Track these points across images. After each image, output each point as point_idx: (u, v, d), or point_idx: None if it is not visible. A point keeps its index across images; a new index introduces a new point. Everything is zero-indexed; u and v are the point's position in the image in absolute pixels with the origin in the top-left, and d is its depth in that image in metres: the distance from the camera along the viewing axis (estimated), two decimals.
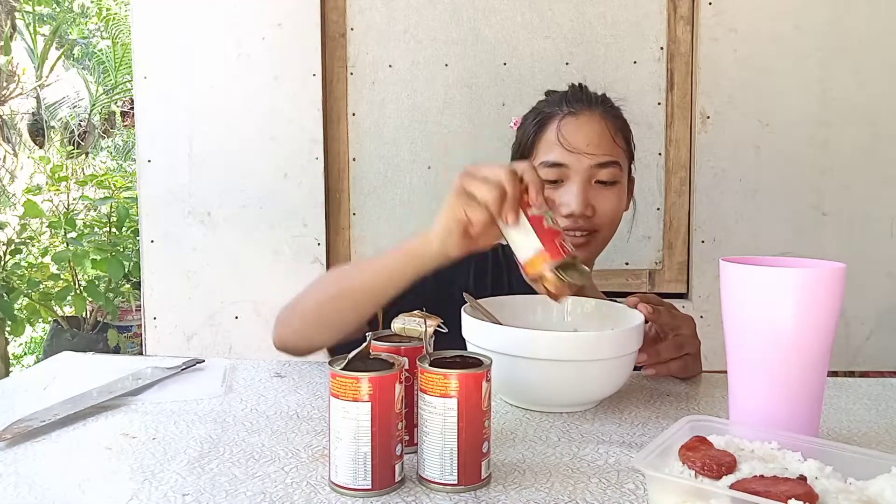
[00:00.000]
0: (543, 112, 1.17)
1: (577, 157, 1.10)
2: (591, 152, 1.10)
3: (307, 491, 0.65)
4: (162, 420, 0.82)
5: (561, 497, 0.64)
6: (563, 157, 1.11)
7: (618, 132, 1.15)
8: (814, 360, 0.72)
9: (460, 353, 0.70)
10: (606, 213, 1.12)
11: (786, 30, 1.74)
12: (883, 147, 1.75)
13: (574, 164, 1.10)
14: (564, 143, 1.11)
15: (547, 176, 1.12)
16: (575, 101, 1.16)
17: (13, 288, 3.12)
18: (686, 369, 1.00)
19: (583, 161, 1.10)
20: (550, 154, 1.12)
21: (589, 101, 1.16)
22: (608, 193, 1.12)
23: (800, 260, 0.77)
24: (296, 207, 1.80)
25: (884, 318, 1.77)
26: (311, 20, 1.78)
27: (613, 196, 1.13)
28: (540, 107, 1.20)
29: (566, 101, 1.16)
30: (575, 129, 1.12)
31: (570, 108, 1.14)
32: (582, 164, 1.10)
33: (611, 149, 1.12)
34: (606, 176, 1.11)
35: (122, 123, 7.47)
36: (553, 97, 1.20)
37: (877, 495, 0.54)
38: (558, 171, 1.11)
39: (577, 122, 1.13)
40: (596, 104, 1.16)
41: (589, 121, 1.13)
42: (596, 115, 1.14)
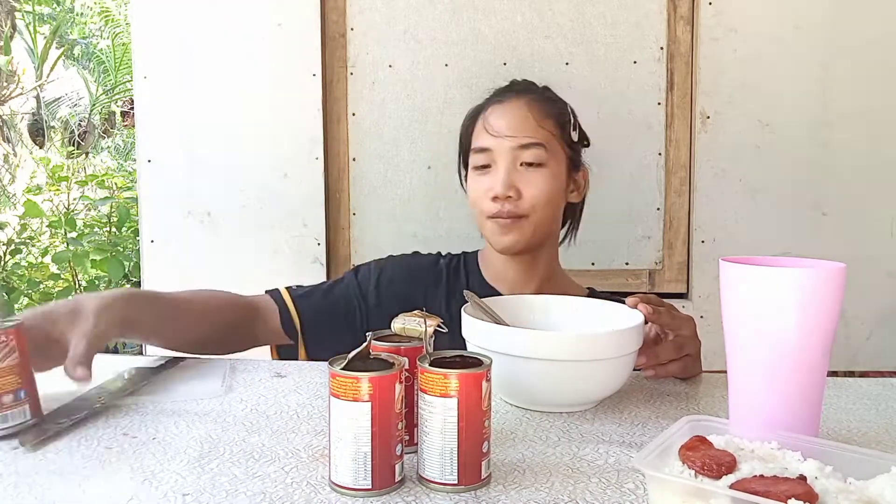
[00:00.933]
0: (481, 105, 1.24)
1: (499, 141, 1.15)
2: (512, 134, 1.15)
3: (307, 491, 0.65)
4: (162, 420, 0.82)
5: (561, 497, 0.64)
6: (487, 142, 1.16)
7: (545, 117, 1.18)
8: (814, 360, 0.72)
9: (460, 352, 0.70)
10: (533, 195, 1.15)
11: (786, 30, 1.74)
12: (883, 147, 1.75)
13: (497, 148, 1.16)
14: (489, 129, 1.17)
15: (477, 162, 1.18)
16: (505, 91, 1.24)
17: (13, 288, 3.12)
18: (686, 370, 1.00)
19: (504, 143, 1.15)
20: (479, 140, 1.18)
21: (517, 90, 1.23)
22: (533, 176, 1.15)
23: (800, 260, 0.77)
24: (296, 207, 1.80)
25: (884, 318, 1.77)
26: (311, 20, 1.77)
27: (539, 178, 1.15)
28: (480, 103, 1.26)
29: (496, 93, 1.24)
30: (499, 115, 1.18)
31: (497, 98, 1.21)
32: (503, 146, 1.15)
33: (533, 131, 1.16)
34: (530, 157, 1.15)
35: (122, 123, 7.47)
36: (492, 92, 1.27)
37: (877, 495, 0.54)
38: (486, 157, 1.17)
39: (501, 108, 1.19)
40: (523, 91, 1.23)
41: (513, 106, 1.19)
42: (522, 101, 1.19)
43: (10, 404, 0.75)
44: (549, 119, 1.19)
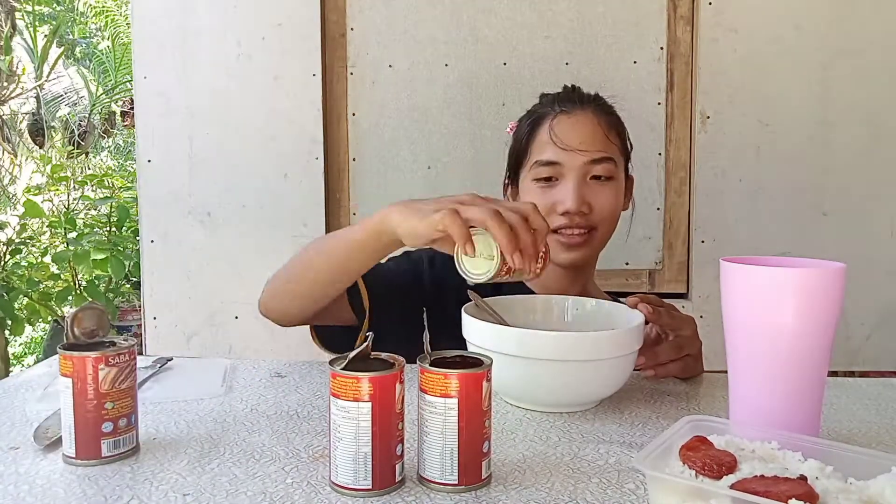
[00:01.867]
0: (536, 113, 1.18)
1: (571, 155, 1.11)
2: (584, 149, 1.11)
3: (307, 491, 0.65)
4: (162, 420, 0.82)
5: (561, 497, 0.64)
6: (557, 156, 1.12)
7: (611, 129, 1.15)
8: (814, 360, 0.72)
9: (461, 352, 0.70)
10: (603, 209, 1.12)
11: (786, 30, 1.74)
12: (883, 147, 1.75)
13: (567, 162, 1.11)
14: (557, 142, 1.12)
15: (541, 174, 1.13)
16: (567, 100, 1.17)
17: (13, 288, 3.12)
18: (686, 370, 1.00)
19: (576, 158, 1.11)
20: (544, 153, 1.13)
21: (581, 100, 1.17)
22: (604, 190, 1.12)
23: (800, 260, 0.77)
24: (296, 207, 1.80)
25: (884, 318, 1.77)
26: (311, 20, 1.78)
27: (609, 192, 1.13)
28: (534, 109, 1.21)
29: (558, 102, 1.17)
30: (567, 128, 1.13)
31: (562, 108, 1.15)
32: (575, 161, 1.11)
33: (604, 145, 1.13)
34: (601, 171, 1.12)
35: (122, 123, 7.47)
36: (546, 99, 1.22)
37: (877, 495, 0.54)
38: (552, 170, 1.12)
39: (569, 120, 1.14)
40: (587, 102, 1.17)
41: (581, 118, 1.14)
42: (588, 113, 1.15)
43: (125, 429, 0.71)
44: (614, 131, 1.16)
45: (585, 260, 1.16)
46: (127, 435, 0.71)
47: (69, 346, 0.71)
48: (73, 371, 0.69)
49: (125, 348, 0.71)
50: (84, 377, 0.68)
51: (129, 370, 0.71)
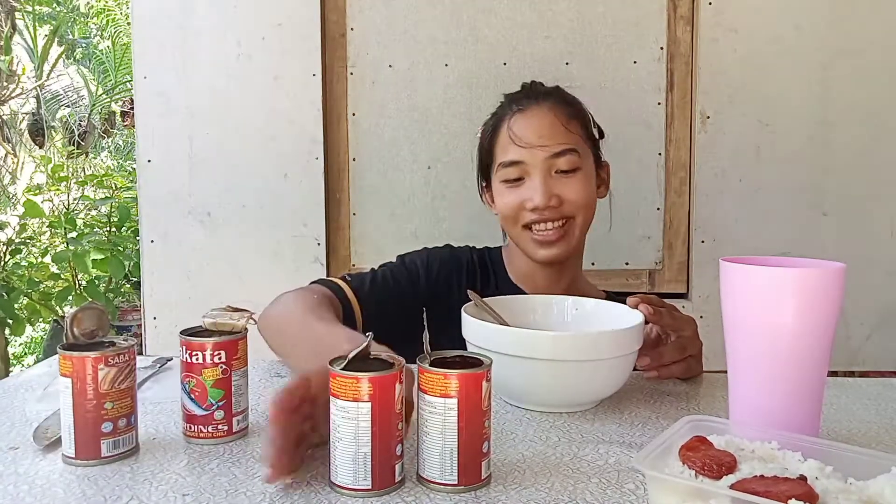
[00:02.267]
0: (496, 116, 1.19)
1: (531, 152, 1.11)
2: (544, 144, 1.11)
3: (307, 491, 0.65)
4: (162, 420, 0.82)
5: (561, 497, 0.64)
6: (518, 154, 1.12)
7: (570, 119, 1.15)
8: (814, 360, 0.72)
9: (460, 353, 0.70)
10: (574, 200, 1.12)
11: (786, 30, 1.74)
12: (883, 147, 1.75)
13: (529, 159, 1.12)
14: (516, 140, 1.12)
15: (508, 175, 1.13)
16: (523, 98, 1.18)
17: (13, 288, 3.12)
18: (688, 371, 1.00)
19: (537, 154, 1.11)
20: (507, 154, 1.14)
21: (536, 96, 1.18)
22: (571, 181, 1.12)
23: (800, 260, 0.77)
24: (296, 207, 1.80)
25: (884, 318, 1.77)
26: (311, 20, 1.77)
27: (577, 183, 1.13)
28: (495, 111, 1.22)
29: (514, 101, 1.18)
30: (524, 125, 1.13)
31: (518, 107, 1.16)
32: (537, 158, 1.11)
33: (564, 137, 1.12)
34: (565, 164, 1.12)
35: (122, 123, 7.47)
36: (505, 99, 1.22)
37: (877, 495, 0.54)
38: (517, 169, 1.12)
39: (525, 117, 1.14)
40: (543, 97, 1.17)
41: (537, 113, 1.14)
42: (544, 108, 1.15)
43: (124, 429, 0.71)
44: (574, 120, 1.16)
45: (566, 254, 1.15)
46: (126, 435, 0.71)
47: (69, 346, 0.71)
48: (73, 371, 0.69)
49: (125, 348, 0.71)
50: (84, 377, 0.68)
51: (129, 370, 0.71)
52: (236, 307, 0.80)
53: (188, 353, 0.75)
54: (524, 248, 1.17)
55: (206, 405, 0.75)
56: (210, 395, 0.75)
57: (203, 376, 0.74)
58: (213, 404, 0.75)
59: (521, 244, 1.17)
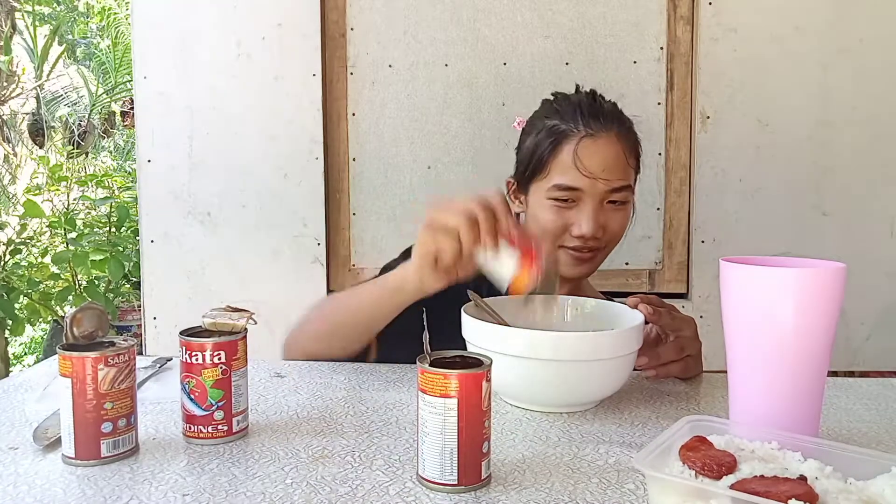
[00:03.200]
0: (559, 129, 1.13)
1: (593, 183, 1.09)
2: (607, 178, 1.09)
3: (307, 491, 0.65)
4: (162, 420, 0.82)
5: (561, 497, 0.64)
6: (579, 182, 1.09)
7: (631, 154, 1.14)
8: (814, 360, 0.72)
9: (460, 353, 0.70)
10: (615, 232, 1.14)
11: (786, 30, 1.74)
12: (883, 147, 1.75)
13: (589, 189, 1.09)
14: (581, 168, 1.09)
15: (561, 196, 1.11)
16: (591, 118, 1.12)
17: (13, 288, 3.12)
18: (687, 371, 1.00)
19: (598, 186, 1.09)
20: (566, 177, 1.10)
21: (605, 119, 1.13)
22: (618, 214, 1.13)
23: (800, 260, 0.77)
24: (296, 207, 1.80)
25: (884, 318, 1.77)
26: (311, 20, 1.77)
27: (623, 216, 1.14)
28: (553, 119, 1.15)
29: (582, 119, 1.12)
30: (592, 153, 1.10)
31: (587, 130, 1.11)
32: (597, 189, 1.09)
33: (625, 173, 1.11)
34: (618, 198, 1.11)
35: (122, 123, 7.47)
36: (565, 108, 1.15)
37: (877, 495, 0.54)
38: (573, 194, 1.10)
39: (594, 145, 1.10)
40: (611, 122, 1.13)
41: (606, 144, 1.11)
42: (612, 137, 1.11)
43: (124, 429, 0.71)
44: (633, 157, 1.15)
45: (590, 274, 1.18)
46: (126, 435, 0.71)
47: (68, 346, 0.70)
48: (73, 371, 0.68)
49: (124, 348, 0.71)
50: (83, 377, 0.68)
51: (129, 370, 0.71)
52: (236, 307, 0.80)
53: (188, 354, 0.75)
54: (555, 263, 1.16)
55: (206, 405, 0.75)
56: (210, 396, 0.75)
57: (203, 376, 0.74)
58: (213, 404, 0.75)
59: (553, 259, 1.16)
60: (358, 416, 0.85)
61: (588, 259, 1.13)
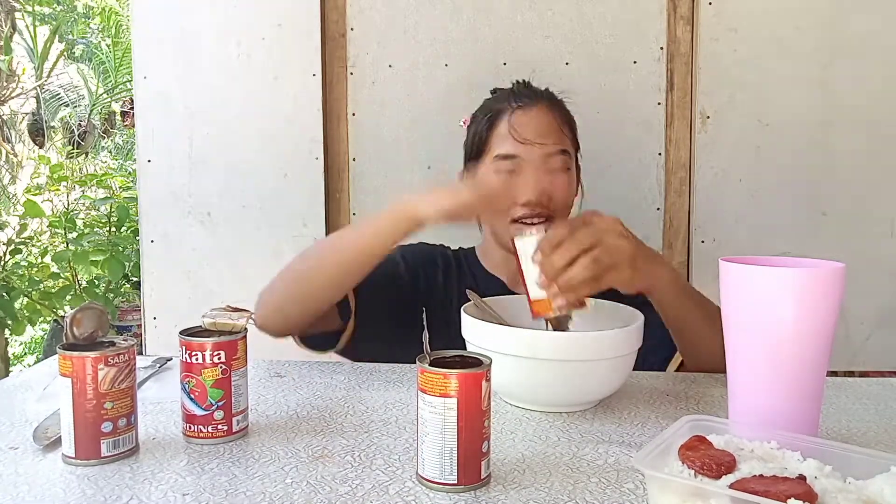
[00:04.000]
0: (493, 108, 1.23)
1: (529, 148, 1.16)
2: (542, 142, 1.17)
3: (307, 491, 0.65)
4: (162, 420, 0.82)
5: (561, 497, 0.64)
6: (516, 149, 1.17)
7: (564, 123, 1.22)
8: (814, 360, 0.72)
9: (460, 352, 0.70)
10: (560, 199, 1.18)
11: (786, 30, 1.74)
12: (883, 147, 1.75)
13: (527, 155, 1.16)
14: (516, 135, 1.17)
15: (501, 168, 1.18)
16: (522, 95, 1.23)
17: (13, 288, 3.12)
18: (632, 281, 0.88)
19: (534, 151, 1.16)
20: (504, 146, 1.18)
21: (535, 95, 1.23)
22: (559, 180, 1.18)
23: (800, 260, 0.77)
24: (296, 207, 1.80)
25: (884, 318, 1.77)
26: (311, 20, 1.77)
27: (565, 182, 1.19)
28: (489, 104, 1.26)
29: (514, 96, 1.22)
30: (525, 122, 1.18)
31: (518, 103, 1.20)
32: (534, 154, 1.16)
33: (559, 138, 1.19)
34: (558, 164, 1.18)
35: (122, 123, 7.47)
36: (499, 94, 1.27)
37: (876, 495, 0.54)
38: (512, 163, 1.17)
39: (526, 114, 1.19)
40: (540, 96, 1.23)
41: (537, 113, 1.20)
42: (543, 107, 1.21)
43: (124, 428, 0.71)
44: (567, 125, 1.23)
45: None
46: (126, 435, 0.71)
47: (68, 346, 0.71)
48: (73, 371, 0.69)
49: (124, 348, 0.71)
50: (83, 377, 0.68)
51: (129, 370, 0.71)
52: (236, 307, 0.80)
53: (188, 353, 0.75)
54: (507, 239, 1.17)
55: (206, 405, 0.75)
56: (210, 395, 0.75)
57: (203, 376, 0.74)
58: (213, 404, 0.75)
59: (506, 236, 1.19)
60: (358, 416, 0.85)
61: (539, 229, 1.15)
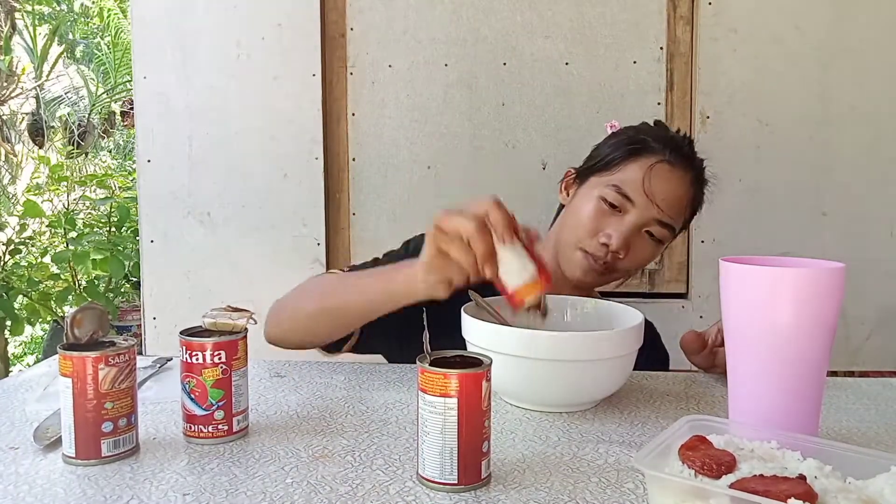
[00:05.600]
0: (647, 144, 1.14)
1: (647, 203, 1.10)
2: (663, 208, 1.11)
3: (307, 490, 0.65)
4: (162, 420, 0.82)
5: (561, 496, 0.64)
6: (637, 197, 1.10)
7: (692, 203, 1.17)
8: (814, 360, 0.72)
9: (460, 352, 0.70)
10: (636, 261, 1.13)
11: (786, 30, 1.74)
12: (883, 147, 1.75)
13: (640, 207, 1.10)
14: (645, 185, 1.10)
15: (610, 197, 1.11)
16: (679, 154, 1.15)
17: (13, 288, 3.12)
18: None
19: (649, 210, 1.10)
20: (628, 186, 1.11)
21: (688, 162, 1.16)
22: (647, 245, 1.13)
23: (800, 260, 0.77)
24: (296, 207, 1.80)
25: (884, 318, 1.77)
26: (311, 20, 1.78)
27: (650, 249, 1.14)
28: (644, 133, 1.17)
29: (670, 149, 1.14)
30: (663, 179, 1.11)
31: (669, 158, 1.13)
32: (646, 212, 1.10)
33: (678, 214, 1.14)
34: (657, 233, 1.12)
35: (122, 123, 7.47)
36: (659, 133, 1.18)
37: (876, 494, 0.54)
38: (622, 202, 1.11)
39: (669, 173, 1.12)
40: (693, 167, 1.17)
41: (679, 180, 1.13)
42: (688, 179, 1.15)
43: (124, 428, 0.71)
44: (692, 207, 1.18)
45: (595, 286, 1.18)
46: (127, 435, 0.71)
47: (69, 346, 0.71)
48: (73, 371, 0.69)
49: (125, 348, 0.71)
50: (84, 377, 0.68)
51: (129, 370, 0.71)
52: (236, 307, 0.80)
53: (188, 354, 0.75)
54: (565, 260, 1.15)
55: (207, 405, 0.75)
56: (210, 395, 0.75)
57: (203, 376, 0.74)
58: (214, 404, 0.75)
59: (564, 254, 1.15)
60: (358, 416, 0.85)
61: (599, 272, 1.12)
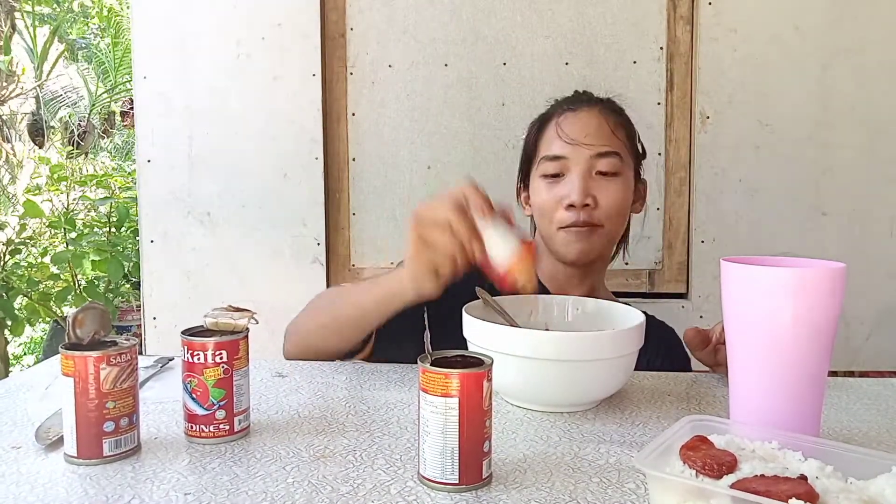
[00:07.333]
0: (544, 115, 1.20)
1: (575, 148, 1.12)
2: (589, 143, 1.12)
3: (308, 490, 0.65)
4: (163, 419, 0.82)
5: (562, 496, 0.64)
6: (562, 149, 1.13)
7: (618, 127, 1.16)
8: (814, 360, 0.72)
9: (461, 352, 0.70)
10: (609, 205, 1.12)
11: (786, 30, 1.74)
12: (883, 147, 1.75)
13: (572, 155, 1.12)
14: (562, 136, 1.13)
15: (548, 170, 1.14)
16: (575, 100, 1.19)
17: (13, 288, 3.12)
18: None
19: (581, 152, 1.11)
20: (550, 148, 1.14)
21: (588, 100, 1.19)
22: (609, 185, 1.12)
23: (800, 260, 0.77)
24: (296, 207, 1.80)
25: (884, 318, 1.77)
26: (311, 20, 1.78)
27: (615, 187, 1.12)
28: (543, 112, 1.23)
29: (567, 101, 1.19)
30: (572, 122, 1.14)
31: (569, 106, 1.17)
32: (580, 155, 1.11)
33: (609, 139, 1.13)
34: (606, 166, 1.12)
35: (122, 123, 7.47)
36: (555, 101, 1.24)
37: (877, 495, 0.54)
38: (558, 165, 1.13)
39: (574, 116, 1.15)
40: (593, 100, 1.19)
41: (587, 115, 1.15)
42: (594, 110, 1.16)
43: (126, 428, 0.71)
44: (621, 129, 1.16)
45: (592, 254, 1.15)
46: (128, 434, 0.71)
47: (71, 345, 0.71)
48: (75, 370, 0.69)
49: (126, 348, 0.71)
50: (85, 377, 0.68)
51: (131, 370, 0.71)
52: (237, 307, 0.80)
53: (189, 353, 0.75)
54: (558, 248, 1.15)
55: (208, 405, 0.75)
56: (211, 395, 0.75)
57: (204, 376, 0.74)
58: (215, 404, 0.75)
59: (555, 244, 1.16)
60: (359, 416, 0.85)
61: (585, 235, 1.12)
